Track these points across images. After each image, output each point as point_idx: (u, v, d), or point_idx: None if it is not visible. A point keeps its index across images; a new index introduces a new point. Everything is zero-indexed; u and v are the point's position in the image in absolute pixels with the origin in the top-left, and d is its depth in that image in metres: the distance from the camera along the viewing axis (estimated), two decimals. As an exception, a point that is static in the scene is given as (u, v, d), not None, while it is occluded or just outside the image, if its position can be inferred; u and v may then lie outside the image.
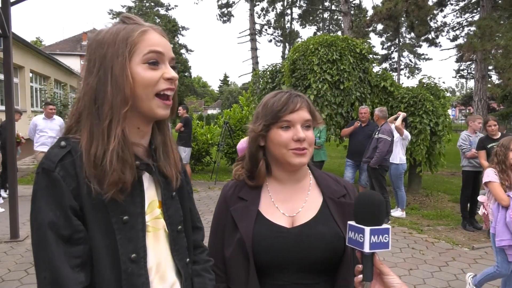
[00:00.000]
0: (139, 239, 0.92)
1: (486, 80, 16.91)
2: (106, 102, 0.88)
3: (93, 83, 0.89)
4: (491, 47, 13.35)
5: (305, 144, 1.18)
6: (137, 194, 0.93)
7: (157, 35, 0.94)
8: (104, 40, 0.91)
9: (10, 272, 4.08)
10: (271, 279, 1.17)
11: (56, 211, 0.83)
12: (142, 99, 0.91)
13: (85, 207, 0.87)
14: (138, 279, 0.90)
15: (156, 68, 0.92)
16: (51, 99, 11.98)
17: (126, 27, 0.92)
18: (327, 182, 1.28)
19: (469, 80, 34.24)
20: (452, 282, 4.03)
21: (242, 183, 1.29)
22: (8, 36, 5.03)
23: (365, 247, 0.92)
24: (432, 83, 8.48)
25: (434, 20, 22.46)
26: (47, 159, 0.87)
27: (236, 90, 55.04)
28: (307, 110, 1.21)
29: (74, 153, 0.88)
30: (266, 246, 1.16)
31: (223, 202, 1.30)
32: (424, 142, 7.30)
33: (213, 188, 8.75)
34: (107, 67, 0.89)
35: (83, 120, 0.91)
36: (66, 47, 30.87)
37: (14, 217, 5.02)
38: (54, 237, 0.83)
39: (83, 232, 0.86)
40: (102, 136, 0.87)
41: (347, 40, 7.86)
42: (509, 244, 3.07)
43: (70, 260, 0.83)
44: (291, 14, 33.48)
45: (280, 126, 1.19)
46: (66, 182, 0.85)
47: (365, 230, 0.93)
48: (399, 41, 33.56)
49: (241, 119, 10.72)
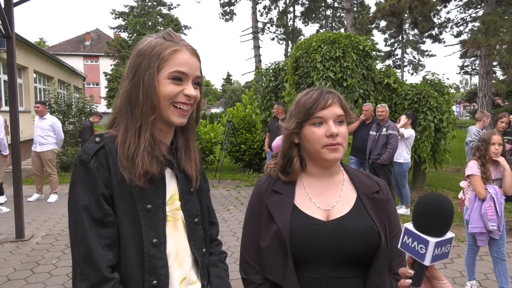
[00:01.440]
0: (160, 226, 1.04)
1: (490, 76, 16.78)
2: (138, 106, 1.03)
3: (128, 87, 1.04)
4: (496, 42, 13.25)
5: (339, 139, 1.20)
6: (160, 186, 1.06)
7: (188, 55, 1.06)
8: (143, 51, 1.04)
9: (16, 271, 4.11)
10: (306, 272, 1.18)
11: (90, 196, 0.97)
12: (162, 108, 1.04)
13: (115, 195, 1.00)
14: (158, 261, 1.02)
15: (178, 83, 1.05)
16: (55, 99, 12.00)
17: (163, 43, 1.04)
18: (360, 178, 1.31)
19: (473, 76, 34.03)
20: (457, 279, 4.01)
21: (276, 178, 1.31)
22: (12, 37, 5.05)
23: (426, 260, 0.84)
24: (436, 79, 8.43)
25: (437, 16, 22.29)
26: (84, 152, 1.01)
27: (239, 88, 55.03)
28: (339, 106, 1.23)
29: (107, 148, 1.02)
30: (302, 238, 1.17)
31: (257, 196, 1.31)
32: (428, 139, 7.27)
33: (217, 187, 8.75)
34: (140, 75, 1.02)
35: (120, 117, 1.06)
36: (69, 48, 31.00)
37: (19, 217, 5.05)
38: (88, 218, 0.96)
39: (112, 216, 0.99)
40: (135, 135, 1.02)
41: (350, 37, 7.83)
42: (481, 231, 3.42)
43: (101, 240, 0.96)
44: (294, 11, 33.39)
45: (312, 122, 1.22)
46: (99, 172, 0.99)
47: (429, 243, 0.83)
48: (403, 38, 33.38)
49: (244, 117, 10.72)
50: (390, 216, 1.25)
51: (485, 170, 3.43)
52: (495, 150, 3.39)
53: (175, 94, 1.04)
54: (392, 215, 1.26)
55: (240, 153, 10.38)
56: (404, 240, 0.90)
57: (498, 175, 3.49)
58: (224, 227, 5.70)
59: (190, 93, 1.05)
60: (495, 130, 5.63)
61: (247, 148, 10.22)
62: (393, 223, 1.26)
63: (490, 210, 3.33)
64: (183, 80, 1.05)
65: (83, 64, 30.33)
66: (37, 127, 7.06)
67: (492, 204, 3.33)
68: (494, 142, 3.41)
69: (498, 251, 3.44)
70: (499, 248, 3.44)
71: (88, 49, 31.77)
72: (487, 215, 3.34)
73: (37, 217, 6.13)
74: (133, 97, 1.03)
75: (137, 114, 1.02)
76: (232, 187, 8.76)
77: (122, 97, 1.06)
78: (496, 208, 3.32)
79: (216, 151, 10.95)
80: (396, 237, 1.23)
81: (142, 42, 1.08)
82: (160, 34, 1.07)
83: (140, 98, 1.02)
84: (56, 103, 11.80)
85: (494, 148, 3.40)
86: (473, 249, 3.67)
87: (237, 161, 10.74)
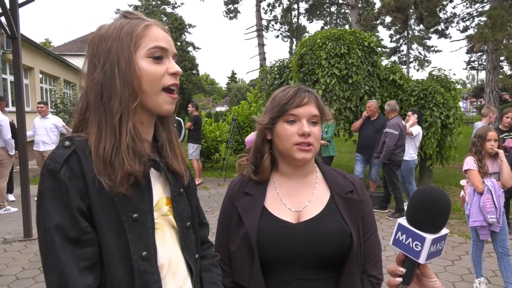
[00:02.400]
0: (149, 236, 0.91)
1: (497, 71, 16.61)
2: (115, 96, 0.88)
3: (98, 78, 0.89)
4: (503, 37, 13.10)
5: (311, 139, 1.17)
6: (145, 191, 0.93)
7: (161, 30, 0.94)
8: (108, 35, 0.90)
9: (24, 270, 4.14)
10: (276, 275, 1.17)
11: (62, 213, 0.82)
12: (149, 94, 0.91)
13: (93, 207, 0.85)
14: (150, 276, 0.90)
15: (160, 62, 0.92)
16: (61, 99, 12.08)
17: (129, 22, 0.92)
18: (334, 177, 1.28)
19: (480, 71, 33.71)
20: (465, 276, 3.98)
21: (248, 179, 1.29)
22: (17, 38, 5.07)
23: (421, 258, 0.80)
24: (442, 75, 8.35)
25: (443, 11, 22.11)
26: (52, 160, 0.85)
27: (244, 86, 54.97)
28: (315, 106, 1.20)
29: (79, 152, 0.87)
30: (271, 241, 1.15)
31: (229, 197, 1.30)
32: (435, 135, 7.21)
33: (223, 185, 8.76)
34: (113, 61, 0.89)
35: (90, 116, 0.91)
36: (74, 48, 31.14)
37: (27, 216, 5.10)
38: (60, 240, 0.81)
39: (91, 233, 0.85)
40: (113, 132, 0.88)
41: (355, 34, 7.78)
42: (481, 225, 3.45)
43: (78, 262, 0.82)
44: (298, 8, 33.28)
45: (286, 119, 1.19)
46: (72, 183, 0.84)
47: (426, 239, 0.79)
48: (408, 34, 33.14)
49: (249, 115, 10.70)
50: (364, 217, 1.22)
51: (482, 165, 3.48)
52: (491, 146, 3.46)
53: (161, 75, 0.91)
54: (367, 216, 1.23)
55: (245, 151, 10.36)
56: (397, 236, 0.85)
57: (496, 168, 3.53)
58: (230, 225, 5.69)
59: (176, 69, 0.93)
60: (500, 125, 5.60)
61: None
62: (368, 224, 1.23)
63: (488, 203, 3.37)
64: (163, 58, 0.93)
65: (88, 63, 30.50)
66: (40, 127, 7.09)
67: (490, 197, 3.37)
68: (490, 138, 3.47)
69: (502, 246, 3.45)
70: (503, 243, 3.45)
71: (93, 48, 31.93)
72: (486, 207, 3.38)
73: (45, 216, 6.17)
74: (107, 88, 0.88)
75: (115, 106, 0.87)
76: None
77: (90, 93, 0.90)
78: (494, 200, 3.36)
79: (221, 149, 10.95)
80: (371, 238, 1.22)
81: (100, 29, 0.94)
82: (118, 16, 0.95)
83: (117, 86, 0.87)
84: (62, 103, 11.88)
85: (490, 144, 3.46)
86: (477, 244, 3.66)
87: (242, 159, 10.72)
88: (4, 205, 6.45)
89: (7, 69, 11.63)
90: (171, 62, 0.94)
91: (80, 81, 0.96)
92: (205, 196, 7.61)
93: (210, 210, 6.56)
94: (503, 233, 3.47)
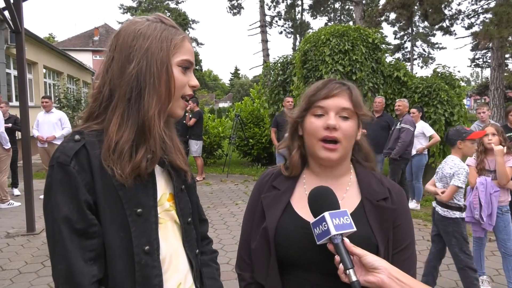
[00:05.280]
0: (152, 231, 0.94)
1: (502, 69, 16.49)
2: (153, 94, 0.92)
3: (133, 72, 0.91)
4: (509, 34, 13.01)
5: (337, 134, 1.06)
6: (150, 186, 0.96)
7: (190, 44, 1.01)
8: (148, 33, 0.94)
9: (27, 264, 4.16)
10: (293, 276, 1.09)
11: (70, 205, 0.85)
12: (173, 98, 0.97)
13: (99, 200, 0.88)
14: (152, 270, 0.92)
15: (185, 73, 0.99)
16: (64, 94, 12.11)
17: (168, 28, 0.97)
18: (369, 181, 1.15)
19: (484, 69, 33.49)
20: (468, 275, 3.96)
21: (279, 172, 1.22)
22: (21, 32, 5.07)
23: (331, 230, 0.93)
24: (447, 72, 8.30)
25: (448, 8, 21.92)
26: (62, 153, 0.88)
27: (247, 82, 54.91)
28: (347, 98, 1.10)
29: (88, 146, 0.90)
30: (288, 239, 1.08)
31: (257, 189, 1.24)
32: (438, 132, 7.17)
33: (225, 181, 8.76)
34: (150, 59, 0.92)
35: (113, 106, 0.93)
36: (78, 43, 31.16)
37: (30, 210, 5.11)
38: (68, 231, 0.85)
39: (97, 226, 0.88)
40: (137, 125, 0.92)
41: (359, 30, 7.74)
42: (471, 221, 3.46)
43: (84, 253, 0.85)
44: (302, 5, 33.13)
45: (313, 112, 1.11)
46: (80, 176, 0.87)
47: (324, 215, 0.95)
48: (412, 30, 32.95)
49: (252, 111, 10.70)
50: (399, 227, 1.09)
51: (479, 161, 3.50)
52: (488, 141, 3.44)
53: (185, 85, 0.98)
54: (402, 226, 1.10)
55: (248, 147, 10.37)
56: (316, 233, 0.97)
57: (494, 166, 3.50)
58: (233, 221, 5.70)
59: (197, 83, 1.00)
60: (507, 123, 5.56)
61: (255, 143, 10.21)
62: (402, 235, 1.10)
63: (475, 199, 3.40)
64: (188, 70, 0.99)
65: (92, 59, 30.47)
66: (43, 122, 6.99)
67: (477, 193, 3.38)
68: (488, 133, 3.44)
69: (504, 247, 3.43)
70: (504, 243, 3.43)
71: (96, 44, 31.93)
72: (473, 203, 3.41)
73: (48, 211, 6.19)
74: (143, 84, 0.91)
75: (151, 103, 0.91)
76: (241, 181, 8.76)
77: (119, 84, 0.92)
78: (479, 197, 3.36)
79: (224, 145, 10.96)
80: (404, 252, 1.10)
81: (133, 23, 0.96)
82: (153, 18, 0.98)
83: (156, 85, 0.92)
84: (66, 98, 11.90)
85: (487, 139, 3.44)
86: (476, 241, 3.66)
87: (245, 156, 10.74)
88: (7, 199, 6.48)
89: (11, 63, 11.65)
90: (192, 75, 1.01)
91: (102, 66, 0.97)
92: (207, 192, 7.62)
93: (213, 206, 6.57)
94: (504, 232, 3.42)
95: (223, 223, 5.63)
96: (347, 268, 0.90)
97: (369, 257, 0.93)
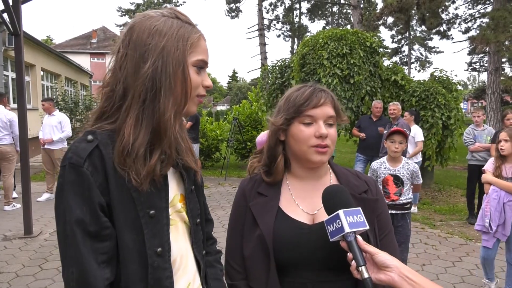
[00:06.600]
0: (164, 233, 0.93)
1: (499, 73, 16.56)
2: (169, 95, 0.89)
3: (148, 71, 0.87)
4: (505, 38, 13.08)
5: (327, 141, 1.14)
6: (162, 188, 0.94)
7: (205, 43, 0.98)
8: (164, 31, 0.90)
9: (24, 267, 4.14)
10: (291, 277, 1.13)
11: (83, 207, 0.83)
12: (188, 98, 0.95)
13: (112, 202, 0.86)
14: (163, 272, 0.92)
15: (200, 73, 0.95)
16: (62, 96, 12.09)
17: (184, 25, 0.93)
18: (348, 177, 1.24)
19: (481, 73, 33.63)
20: (466, 278, 3.98)
21: (260, 179, 1.25)
22: (20, 35, 5.07)
23: (345, 228, 0.95)
24: (444, 76, 8.34)
25: (445, 12, 22.04)
26: (74, 153, 0.85)
27: (245, 86, 54.92)
28: (331, 106, 1.17)
29: (101, 147, 0.87)
30: (287, 243, 1.12)
31: (242, 197, 1.25)
32: (435, 136, 7.21)
33: (223, 184, 8.76)
34: (166, 59, 0.88)
35: (127, 106, 0.89)
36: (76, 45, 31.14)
37: (27, 213, 5.10)
38: (81, 233, 0.83)
39: (110, 228, 0.86)
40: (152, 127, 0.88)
41: (357, 34, 7.77)
42: (481, 229, 3.42)
43: (97, 256, 0.84)
44: (300, 8, 33.23)
45: (302, 121, 1.15)
46: (94, 178, 0.84)
47: (339, 213, 0.98)
48: (410, 34, 33.08)
49: (250, 115, 10.71)
50: (380, 216, 1.20)
51: (496, 167, 3.43)
52: (500, 147, 3.39)
53: (199, 85, 0.95)
54: (382, 214, 1.21)
55: (246, 150, 10.38)
56: (330, 230, 1.00)
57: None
58: (231, 224, 5.70)
59: (210, 83, 0.98)
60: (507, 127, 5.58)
61: (253, 146, 10.21)
62: (384, 223, 1.20)
63: (487, 207, 3.36)
64: (202, 69, 0.96)
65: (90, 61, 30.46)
66: (45, 125, 7.01)
67: (489, 201, 3.35)
68: (500, 139, 3.41)
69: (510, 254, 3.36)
70: (510, 253, 3.36)
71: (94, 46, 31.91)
72: (485, 210, 3.36)
73: (45, 213, 6.17)
74: (159, 85, 0.88)
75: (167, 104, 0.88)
76: (238, 184, 8.76)
77: (134, 84, 0.88)
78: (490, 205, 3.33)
79: (222, 148, 10.95)
80: (387, 237, 1.20)
81: (148, 18, 0.92)
82: (169, 13, 0.94)
83: (173, 86, 0.89)
84: (63, 101, 11.90)
85: (500, 145, 3.39)
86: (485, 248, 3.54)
87: (243, 159, 10.74)
88: (11, 202, 6.46)
89: (9, 66, 11.63)
90: (206, 75, 0.97)
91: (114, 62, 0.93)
92: (206, 195, 7.60)
93: (211, 209, 6.55)
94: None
95: (221, 226, 5.63)
96: (359, 265, 0.93)
97: (381, 255, 0.95)
